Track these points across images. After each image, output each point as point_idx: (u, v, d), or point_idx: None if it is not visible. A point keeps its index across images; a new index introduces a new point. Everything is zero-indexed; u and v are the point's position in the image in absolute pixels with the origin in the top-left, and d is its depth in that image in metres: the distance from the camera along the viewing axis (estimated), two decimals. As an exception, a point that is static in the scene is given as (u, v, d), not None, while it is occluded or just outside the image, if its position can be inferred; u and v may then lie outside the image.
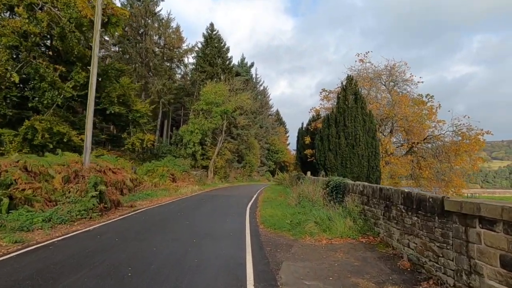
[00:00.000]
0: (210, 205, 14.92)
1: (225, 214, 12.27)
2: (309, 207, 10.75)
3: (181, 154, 30.89)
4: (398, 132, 19.96)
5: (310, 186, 12.54)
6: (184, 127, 31.05)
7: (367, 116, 17.37)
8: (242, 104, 33.89)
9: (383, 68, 22.09)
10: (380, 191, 7.74)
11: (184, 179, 23.53)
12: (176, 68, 50.46)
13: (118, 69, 26.36)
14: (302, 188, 12.43)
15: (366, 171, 16.63)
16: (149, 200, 16.05)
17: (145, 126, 26.73)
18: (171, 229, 9.14)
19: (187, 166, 26.72)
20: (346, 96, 17.80)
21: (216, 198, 18.24)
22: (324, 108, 21.39)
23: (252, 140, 50.91)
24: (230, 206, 14.77)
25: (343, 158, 16.67)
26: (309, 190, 12.09)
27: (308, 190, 12.04)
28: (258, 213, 12.64)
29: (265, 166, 60.67)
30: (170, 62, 48.22)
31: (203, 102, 30.58)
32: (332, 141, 17.05)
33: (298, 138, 25.19)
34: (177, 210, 13.10)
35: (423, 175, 18.73)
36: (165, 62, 46.25)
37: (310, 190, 12.14)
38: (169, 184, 20.55)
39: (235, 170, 44.28)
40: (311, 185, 12.85)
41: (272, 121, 70.21)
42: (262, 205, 14.96)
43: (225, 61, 40.66)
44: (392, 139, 20.17)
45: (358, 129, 16.90)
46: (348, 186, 10.38)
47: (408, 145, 18.94)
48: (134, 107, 25.45)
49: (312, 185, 12.89)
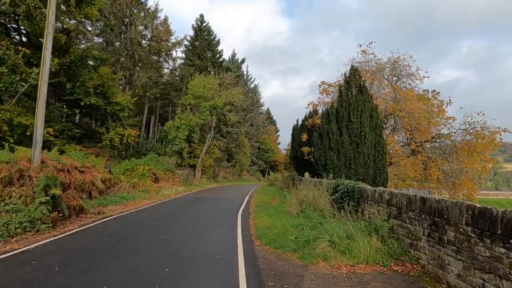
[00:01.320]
0: (194, 211, 12.64)
1: (212, 224, 10.03)
2: (317, 218, 8.62)
3: (166, 152, 28.41)
4: (402, 130, 18.04)
5: (314, 191, 10.40)
6: (170, 122, 28.57)
7: (374, 111, 15.41)
8: (233, 100, 31.58)
9: (386, 61, 20.20)
10: (423, 203, 5.65)
11: (168, 179, 21.12)
12: (163, 62, 47.91)
13: (97, 58, 23.72)
14: (304, 194, 10.29)
15: (372, 173, 14.66)
16: (123, 204, 13.65)
17: (126, 121, 24.16)
18: (139, 249, 6.86)
19: (172, 164, 24.30)
20: (350, 88, 15.80)
21: (203, 202, 15.96)
22: (323, 103, 19.33)
23: (243, 138, 48.69)
24: (219, 213, 12.53)
25: (347, 158, 14.65)
26: (314, 195, 9.96)
27: (313, 195, 9.91)
28: (252, 223, 10.45)
29: (256, 166, 58.55)
30: (157, 55, 45.66)
31: (190, 96, 28.15)
32: (334, 138, 15.00)
33: (293, 135, 23.08)
34: (154, 218, 10.77)
35: (432, 177, 16.87)
36: (152, 55, 43.67)
37: (314, 195, 10.01)
38: (150, 185, 18.14)
39: (225, 170, 41.97)
40: (315, 189, 10.73)
41: (263, 119, 68.07)
42: (255, 211, 12.77)
43: (215, 54, 38.26)
44: (394, 137, 18.24)
45: (364, 125, 14.91)
46: (366, 193, 8.28)
47: (415, 145, 17.05)
48: (113, 99, 22.88)
49: (316, 189, 10.77)
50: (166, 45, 44.73)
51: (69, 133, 20.41)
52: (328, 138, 15.30)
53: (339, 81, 18.92)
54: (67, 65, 20.63)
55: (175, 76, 46.13)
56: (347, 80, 16.03)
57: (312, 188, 11.10)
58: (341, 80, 19.36)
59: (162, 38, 44.32)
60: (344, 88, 15.97)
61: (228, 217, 11.40)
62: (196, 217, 11.22)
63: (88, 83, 20.88)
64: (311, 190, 10.32)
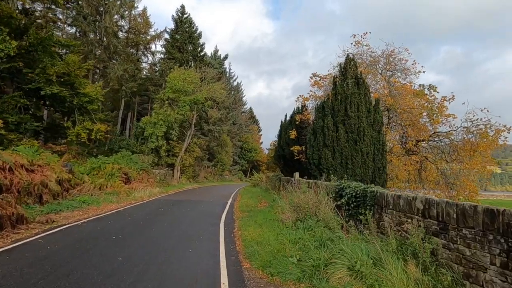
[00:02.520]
0: (168, 219, 10.52)
1: (188, 236, 7.98)
2: (322, 230, 6.76)
3: (142, 150, 25.91)
4: (398, 127, 16.60)
5: (313, 195, 8.56)
6: (147, 118, 26.10)
7: (371, 105, 13.85)
8: (215, 95, 29.41)
9: (380, 54, 18.76)
10: (491, 217, 3.88)
11: (142, 180, 18.76)
12: (142, 55, 45.04)
13: (64, 44, 21.04)
14: (302, 198, 8.42)
15: (371, 173, 13.06)
16: (83, 210, 11.32)
17: (95, 114, 21.53)
18: (81, 281, 4.74)
19: (148, 163, 21.91)
20: (346, 80, 14.17)
21: (180, 206, 13.82)
22: (314, 97, 17.61)
23: (225, 137, 46.56)
24: (197, 220, 10.47)
25: (343, 157, 12.98)
26: (314, 201, 8.11)
27: (314, 201, 8.05)
28: (237, 234, 8.47)
29: (238, 165, 56.51)
30: (135, 48, 42.77)
31: (169, 89, 25.78)
32: (329, 135, 13.30)
33: (280, 132, 21.28)
34: (116, 228, 8.59)
35: (429, 178, 15.49)
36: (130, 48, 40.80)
37: (315, 201, 8.16)
38: (120, 186, 15.78)
39: (206, 169, 39.69)
40: (312, 193, 8.89)
41: (246, 118, 66.08)
42: (241, 218, 10.80)
43: (197, 47, 35.93)
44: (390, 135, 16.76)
45: (362, 120, 13.30)
46: (384, 199, 6.51)
47: (412, 143, 15.63)
48: (81, 90, 20.25)
49: (313, 193, 8.94)
50: (145, 38, 42.03)
51: (27, 127, 17.70)
52: (322, 134, 13.55)
53: (331, 74, 17.28)
54: (25, 49, 17.92)
55: (155, 71, 43.49)
56: (343, 71, 14.36)
57: (308, 191, 9.26)
58: (333, 73, 17.74)
59: (140, 31, 41.61)
60: (339, 80, 14.28)
61: (208, 226, 9.36)
62: (169, 226, 9.13)
63: (50, 70, 18.22)
64: (309, 194, 8.45)
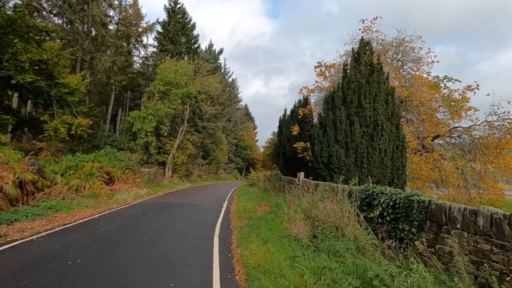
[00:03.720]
0: (149, 231, 8.51)
1: (170, 260, 5.99)
2: (353, 255, 4.82)
3: (130, 147, 23.77)
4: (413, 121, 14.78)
5: (333, 204, 6.62)
6: (135, 112, 23.91)
7: (390, 95, 11.98)
8: (209, 89, 27.32)
9: (390, 42, 16.91)
10: None
11: (127, 180, 16.66)
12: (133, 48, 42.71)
13: (41, 29, 18.76)
14: (319, 208, 6.48)
15: (389, 174, 11.21)
16: (48, 218, 9.24)
17: (77, 107, 19.34)
18: None
19: (135, 161, 19.79)
20: (359, 66, 12.29)
21: (167, 211, 11.81)
22: (319, 88, 15.67)
23: (220, 134, 44.48)
24: (185, 233, 8.48)
25: (358, 154, 11.08)
26: (337, 212, 6.17)
27: (336, 212, 6.11)
28: (236, 253, 6.51)
29: (233, 163, 54.49)
30: (126, 41, 40.44)
31: (159, 81, 23.61)
32: (342, 129, 11.38)
33: (280, 128, 19.32)
34: (77, 248, 6.57)
35: (450, 179, 13.70)
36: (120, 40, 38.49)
37: (335, 210, 6.23)
38: (100, 188, 13.69)
39: (199, 167, 37.58)
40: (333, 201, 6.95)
41: (241, 115, 64.00)
42: (240, 229, 8.82)
43: (190, 39, 33.73)
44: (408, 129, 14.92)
45: (379, 112, 11.43)
46: (447, 213, 4.60)
47: (430, 139, 13.84)
48: (60, 79, 18.06)
49: (330, 199, 7.01)
50: (136, 30, 39.81)
51: (-6, 120, 15.50)
52: (333, 129, 11.61)
53: (339, 64, 15.36)
54: (-9, 31, 15.70)
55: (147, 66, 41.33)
56: (356, 56, 12.44)
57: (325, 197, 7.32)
58: (340, 62, 15.83)
59: (131, 22, 39.42)
60: (351, 67, 12.37)
61: (199, 242, 7.38)
62: (148, 243, 7.12)
63: (23, 56, 16.01)
64: (331, 203, 6.50)
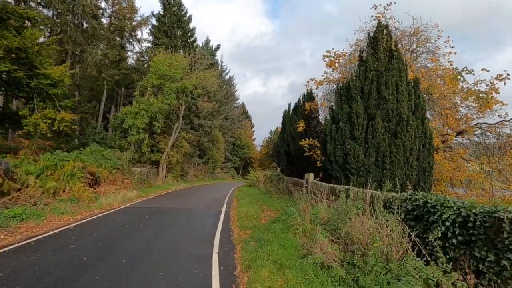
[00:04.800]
0: (131, 249, 6.85)
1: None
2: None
3: (121, 145, 22.02)
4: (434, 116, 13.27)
5: (366, 216, 5.01)
6: (126, 108, 22.15)
7: (413, 86, 10.45)
8: (206, 84, 25.63)
9: (402, 31, 15.38)
10: None
11: (115, 181, 14.94)
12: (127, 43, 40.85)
13: (21, 15, 16.95)
14: (355, 225, 4.89)
15: (415, 176, 9.69)
16: (11, 229, 7.52)
17: (61, 101, 17.54)
18: None
19: (125, 160, 18.04)
20: (377, 53, 10.74)
21: (157, 218, 10.14)
22: (328, 80, 14.08)
23: (216, 132, 42.78)
24: (176, 251, 6.82)
25: (380, 153, 9.52)
26: (373, 228, 4.57)
27: (373, 228, 4.52)
28: (243, 282, 4.89)
29: (230, 162, 52.82)
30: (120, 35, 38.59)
31: (153, 74, 21.86)
32: (359, 124, 9.84)
33: (283, 124, 17.72)
34: (31, 276, 4.91)
35: (478, 179, 12.19)
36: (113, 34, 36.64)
37: (373, 227, 4.63)
38: (82, 191, 11.97)
39: (196, 167, 35.87)
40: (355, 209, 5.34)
41: (238, 113, 62.27)
42: (245, 245, 7.17)
43: (186, 33, 31.97)
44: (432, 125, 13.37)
45: (403, 105, 9.88)
46: None
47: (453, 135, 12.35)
48: (41, 70, 16.27)
49: (363, 211, 5.40)
50: (130, 24, 38.01)
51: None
52: (349, 124, 10.02)
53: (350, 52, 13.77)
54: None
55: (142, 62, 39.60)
56: (372, 42, 10.85)
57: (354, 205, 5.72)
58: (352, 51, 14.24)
59: (125, 15, 37.59)
60: (368, 54, 10.78)
61: (193, 265, 5.74)
62: (127, 268, 5.46)
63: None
64: (368, 218, 4.90)
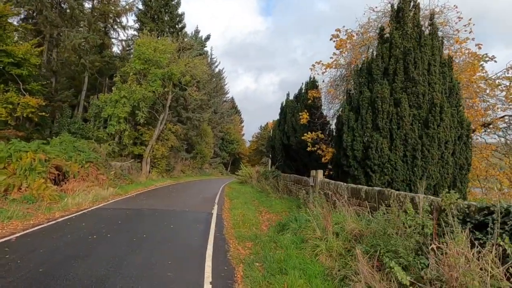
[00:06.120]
0: (84, 282, 4.81)
1: None
2: None
3: (99, 136, 19.66)
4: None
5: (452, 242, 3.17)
6: (105, 95, 19.76)
7: (446, 67, 8.73)
8: (195, 72, 23.42)
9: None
10: None
11: (87, 176, 12.72)
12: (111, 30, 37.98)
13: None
14: (463, 262, 3.09)
15: (451, 174, 7.97)
16: None
17: (27, 85, 15.10)
18: None
19: (103, 153, 15.76)
20: (403, 27, 8.94)
21: (131, 226, 8.08)
22: (336, 65, 12.23)
23: (205, 126, 40.57)
24: (149, 284, 4.83)
25: (408, 146, 7.75)
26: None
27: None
28: None
29: (219, 158, 50.69)
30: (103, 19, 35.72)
31: (136, 59, 19.52)
32: (384, 110, 8.04)
33: (283, 115, 15.82)
34: None
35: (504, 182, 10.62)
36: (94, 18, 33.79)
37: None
38: (43, 188, 9.77)
39: (183, 162, 33.65)
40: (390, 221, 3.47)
41: (228, 107, 60.04)
42: (248, 265, 5.22)
43: (174, 18, 29.54)
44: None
45: (436, 88, 8.15)
46: None
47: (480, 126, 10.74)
48: (2, 45, 13.82)
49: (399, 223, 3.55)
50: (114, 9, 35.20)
51: None
52: (371, 111, 8.19)
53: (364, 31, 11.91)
54: None
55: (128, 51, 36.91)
56: (397, 14, 9.04)
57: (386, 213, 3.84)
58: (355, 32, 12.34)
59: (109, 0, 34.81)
60: (393, 28, 8.96)
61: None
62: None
63: None
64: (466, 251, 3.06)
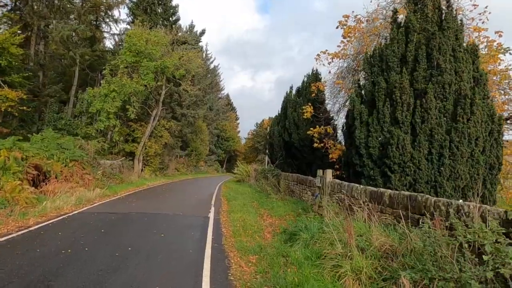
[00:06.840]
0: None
1: None
2: None
3: (88, 133, 18.45)
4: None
5: None
6: (94, 89, 18.51)
7: (472, 55, 7.78)
8: (190, 66, 22.25)
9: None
10: None
11: (71, 176, 11.58)
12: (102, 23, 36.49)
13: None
14: None
15: (482, 175, 7.04)
16: None
17: (7, 76, 13.84)
18: None
19: (89, 151, 14.58)
20: (425, 9, 7.96)
21: (115, 235, 7.02)
22: (343, 55, 11.23)
23: (200, 123, 39.39)
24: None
25: (434, 143, 6.81)
26: None
27: None
28: None
29: (214, 155, 49.58)
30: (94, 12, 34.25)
31: (127, 50, 18.28)
32: (405, 102, 7.06)
33: (284, 110, 14.82)
34: None
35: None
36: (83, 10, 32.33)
37: None
38: (19, 190, 8.63)
39: (177, 159, 32.52)
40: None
41: (223, 104, 58.84)
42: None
43: (168, 10, 28.28)
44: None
45: (463, 78, 7.21)
46: None
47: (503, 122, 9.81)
48: (-23, 33, 12.55)
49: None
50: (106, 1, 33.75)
51: None
52: (389, 103, 7.20)
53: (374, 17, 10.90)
54: None
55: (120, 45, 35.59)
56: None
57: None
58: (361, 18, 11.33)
59: (100, -9, 33.30)
60: (409, 11, 7.97)
61: None
62: None
63: None
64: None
